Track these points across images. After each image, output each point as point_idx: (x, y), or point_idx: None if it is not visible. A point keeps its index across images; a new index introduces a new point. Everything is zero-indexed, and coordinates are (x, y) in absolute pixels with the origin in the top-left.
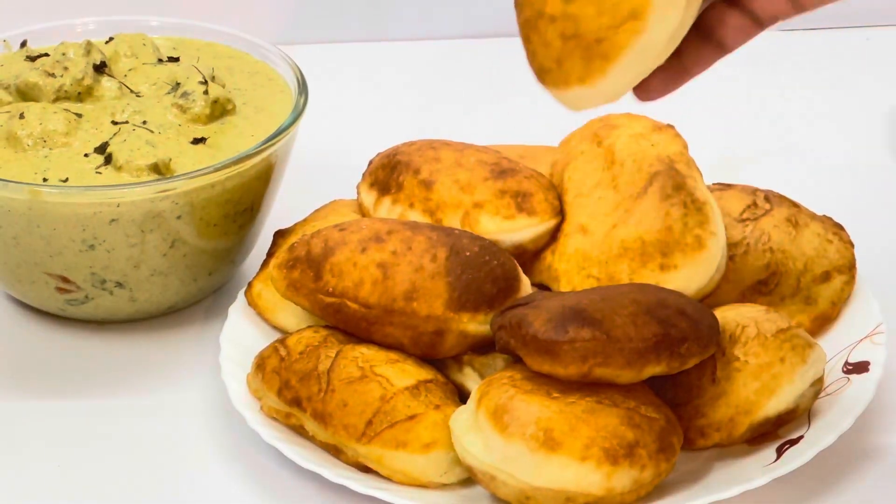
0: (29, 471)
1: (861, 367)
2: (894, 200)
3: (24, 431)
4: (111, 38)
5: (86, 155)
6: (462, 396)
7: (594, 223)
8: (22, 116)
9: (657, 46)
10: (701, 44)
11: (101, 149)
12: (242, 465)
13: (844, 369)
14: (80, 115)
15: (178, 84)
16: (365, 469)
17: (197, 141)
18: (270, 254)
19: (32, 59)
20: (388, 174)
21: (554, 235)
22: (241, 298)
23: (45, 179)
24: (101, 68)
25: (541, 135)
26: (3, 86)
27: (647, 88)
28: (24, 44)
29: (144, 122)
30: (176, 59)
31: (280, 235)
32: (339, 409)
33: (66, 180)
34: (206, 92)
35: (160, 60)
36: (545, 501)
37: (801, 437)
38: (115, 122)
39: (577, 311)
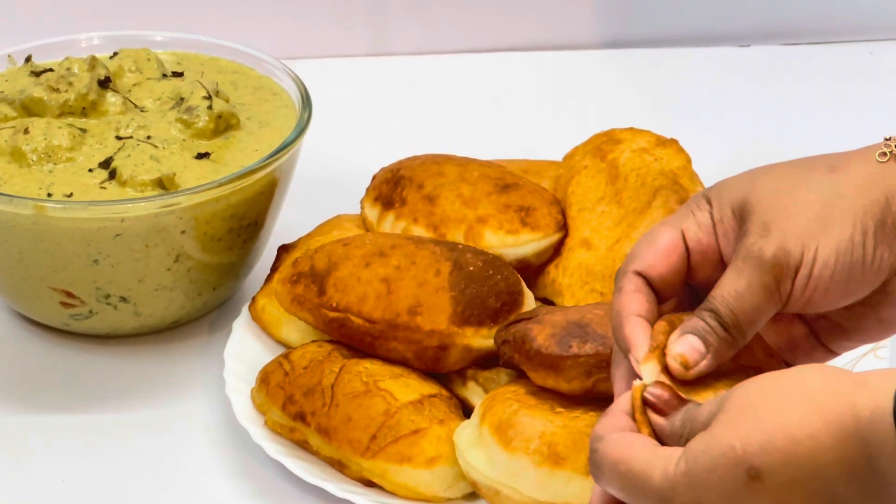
0: (33, 485)
1: None
2: None
3: (27, 446)
4: (115, 54)
5: (90, 170)
6: (466, 411)
7: (598, 238)
8: (26, 132)
9: None
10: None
11: (106, 164)
12: (247, 480)
13: None
14: (84, 131)
15: (182, 99)
16: (369, 484)
17: (201, 156)
18: (274, 268)
19: (37, 74)
20: (391, 189)
21: (557, 250)
22: (245, 313)
23: (49, 194)
24: (105, 83)
25: (544, 149)
26: (8, 101)
27: None
28: (28, 59)
29: (149, 137)
30: (180, 74)
31: (284, 250)
32: (343, 423)
33: (71, 195)
34: (210, 107)
35: (164, 75)
36: None
37: None
38: (119, 138)
39: (580, 326)
